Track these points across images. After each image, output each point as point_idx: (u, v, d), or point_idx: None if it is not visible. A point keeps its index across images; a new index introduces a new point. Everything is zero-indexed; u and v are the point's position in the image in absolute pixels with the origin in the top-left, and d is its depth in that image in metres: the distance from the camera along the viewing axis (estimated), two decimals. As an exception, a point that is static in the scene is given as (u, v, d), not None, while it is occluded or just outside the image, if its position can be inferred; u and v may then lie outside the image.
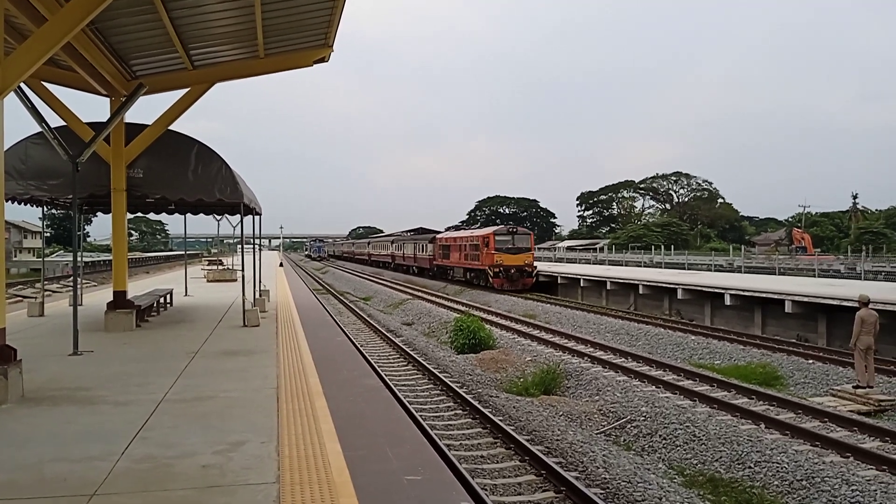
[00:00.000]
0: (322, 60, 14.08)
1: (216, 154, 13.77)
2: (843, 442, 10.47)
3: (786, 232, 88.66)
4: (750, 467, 9.88)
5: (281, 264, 52.35)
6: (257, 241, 19.96)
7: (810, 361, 16.91)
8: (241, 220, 15.29)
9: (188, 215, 20.03)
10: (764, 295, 23.10)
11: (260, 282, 18.47)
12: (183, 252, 42.30)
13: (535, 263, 42.34)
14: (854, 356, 14.08)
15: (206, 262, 45.45)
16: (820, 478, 9.14)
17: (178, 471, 5.26)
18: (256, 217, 17.79)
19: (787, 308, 21.45)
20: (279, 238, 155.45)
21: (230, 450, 5.75)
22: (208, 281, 30.13)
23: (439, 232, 68.02)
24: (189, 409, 7.19)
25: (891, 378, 14.81)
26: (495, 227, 43.37)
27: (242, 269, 15.31)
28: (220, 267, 34.86)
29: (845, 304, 18.95)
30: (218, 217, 22.50)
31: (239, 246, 19.37)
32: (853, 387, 13.82)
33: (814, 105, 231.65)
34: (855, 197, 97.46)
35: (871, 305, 14.23)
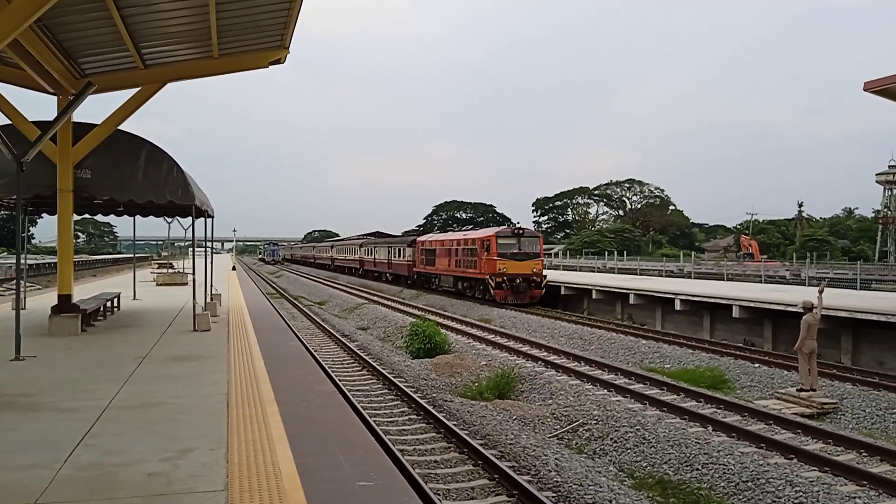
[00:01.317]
0: (278, 62, 13.97)
1: (167, 155, 13.52)
2: (787, 444, 10.76)
3: (734, 239, 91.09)
4: (698, 469, 10.09)
5: (234, 268, 51.64)
6: (209, 244, 19.64)
7: (756, 365, 17.35)
8: (193, 223, 15.06)
9: (138, 217, 19.62)
10: (712, 300, 23.63)
11: (211, 286, 18.17)
12: (132, 255, 41.29)
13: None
14: (798, 360, 14.50)
15: (156, 266, 44.57)
16: (765, 479, 9.38)
17: (123, 479, 5.14)
18: (209, 220, 17.51)
19: (735, 313, 21.99)
20: (232, 241, 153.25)
21: (178, 457, 5.65)
22: (158, 285, 29.51)
23: (396, 236, 67.39)
24: (136, 415, 7.04)
25: (833, 381, 15.29)
26: (497, 228, 37.29)
27: (193, 273, 15.05)
28: (171, 270, 34.19)
29: (790, 309, 19.51)
30: (169, 219, 22.05)
31: (190, 249, 19.03)
32: (797, 390, 14.23)
33: (763, 117, 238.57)
34: (800, 205, 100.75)
35: (814, 311, 14.67)
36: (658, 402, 13.48)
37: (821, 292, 15.30)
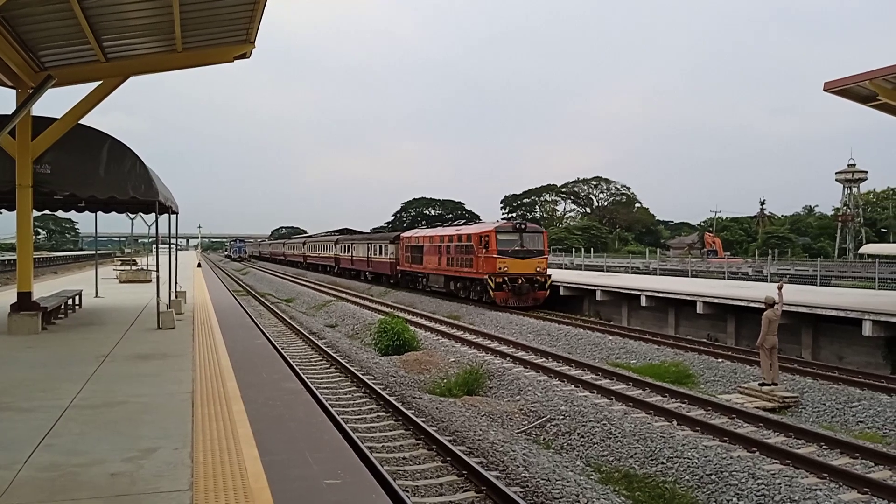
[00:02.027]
0: (243, 56, 13.80)
1: (129, 150, 13.26)
2: (749, 437, 10.96)
3: (698, 236, 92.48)
4: (663, 463, 10.23)
5: (199, 265, 50.95)
6: (173, 240, 19.36)
7: (720, 360, 17.65)
8: (157, 219, 14.82)
9: (100, 213, 19.23)
10: (677, 296, 23.97)
11: (176, 283, 17.91)
12: (94, 252, 40.40)
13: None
14: (760, 355, 14.78)
15: (119, 263, 43.80)
16: (728, 472, 9.55)
17: (85, 479, 5.05)
18: (173, 216, 17.24)
19: (699, 309, 22.32)
20: (197, 238, 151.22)
21: (141, 457, 5.56)
22: (121, 282, 28.96)
23: (363, 233, 66.83)
24: (98, 415, 6.91)
25: (794, 376, 15.62)
26: (497, 223, 33.13)
27: (157, 270, 14.82)
28: (134, 267, 33.59)
29: (752, 305, 19.87)
30: (132, 216, 21.70)
31: (154, 246, 18.73)
32: (759, 384, 14.51)
33: (728, 118, 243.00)
34: (762, 203, 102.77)
35: (775, 307, 14.97)
36: (624, 398, 13.64)
37: (780, 289, 15.61)
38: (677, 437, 11.04)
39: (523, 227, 31.48)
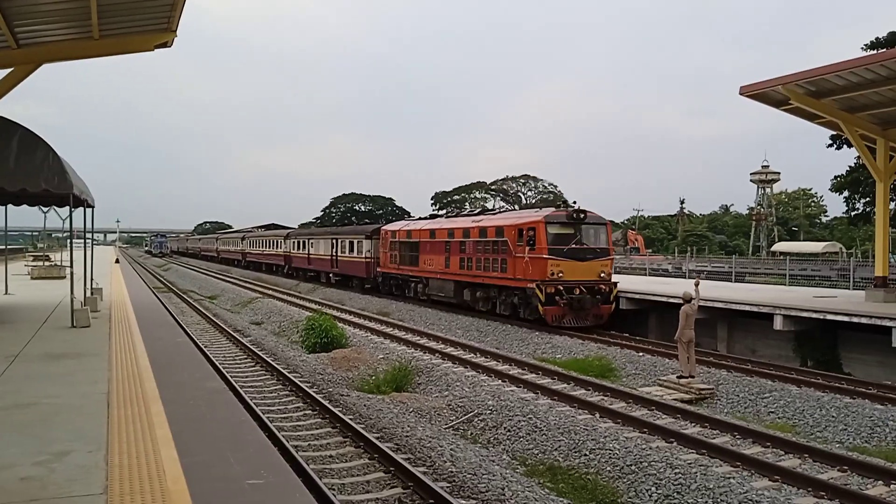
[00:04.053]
0: (165, 45, 13.38)
1: (42, 140, 12.64)
2: (667, 428, 11.34)
3: (622, 233, 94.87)
4: (585, 455, 10.48)
5: (117, 260, 49.20)
6: (89, 235, 18.60)
7: (640, 354, 18.18)
8: (71, 213, 14.21)
9: (10, 207, 18.30)
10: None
11: (92, 279, 17.24)
12: (3, 247, 38.43)
13: None
14: (678, 348, 15.31)
15: (31, 258, 41.86)
16: (647, 462, 9.86)
17: (-10, 486, 4.81)
18: (89, 209, 16.56)
19: (622, 305, 22.92)
20: (116, 232, 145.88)
21: (53, 460, 5.35)
22: (33, 278, 27.69)
23: (290, 228, 64.69)
24: (7, 417, 6.61)
25: (710, 368, 16.24)
26: (546, 210, 24.08)
27: (72, 266, 14.24)
28: (47, 263, 32.18)
29: (671, 301, 20.55)
30: (45, 209, 20.76)
31: (69, 240, 17.97)
32: (677, 377, 15.03)
33: (651, 117, 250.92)
34: (682, 202, 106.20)
35: (692, 302, 15.53)
36: (550, 391, 13.91)
37: (697, 285, 16.22)
38: (600, 429, 11.33)
39: (582, 216, 22.68)
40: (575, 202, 28.83)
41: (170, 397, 7.58)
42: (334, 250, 40.49)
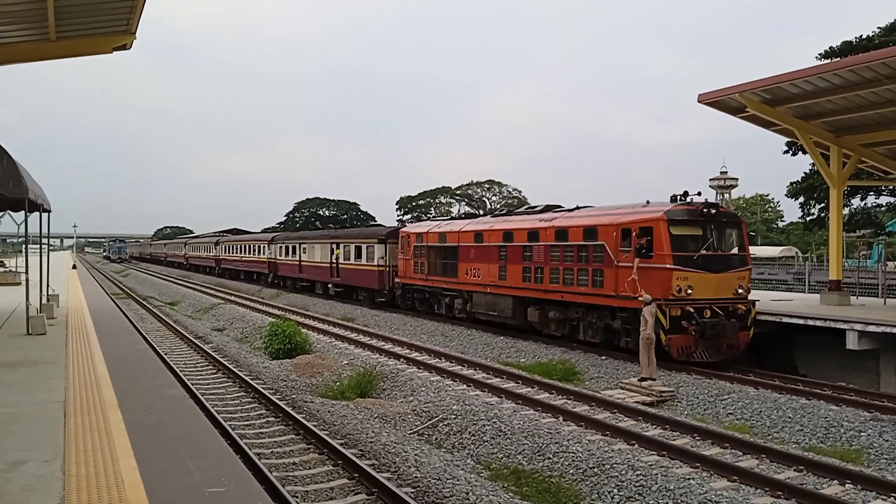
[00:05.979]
0: (123, 48, 13.17)
1: (-4, 144, 12.36)
2: (629, 431, 11.48)
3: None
4: (549, 458, 10.54)
5: (74, 266, 48.13)
6: (45, 240, 18.18)
7: (603, 357, 18.36)
8: (26, 218, 13.89)
9: (-39, 211, 17.80)
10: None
11: (48, 286, 16.85)
12: (-45, 252, 37.33)
13: None
14: (640, 351, 15.49)
15: (-16, 264, 40.71)
16: (609, 464, 9.96)
17: (-60, 499, 4.67)
18: (45, 214, 16.20)
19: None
20: (73, 238, 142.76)
21: (8, 470, 5.23)
22: (-14, 285, 26.99)
23: (252, 233, 61.87)
24: (-43, 428, 6.41)
25: (670, 371, 16.46)
26: (666, 204, 17.63)
27: (27, 272, 13.90)
28: (1, 269, 31.36)
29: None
30: (-1, 214, 20.21)
31: (24, 246, 17.54)
32: (639, 379, 15.20)
33: (616, 122, 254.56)
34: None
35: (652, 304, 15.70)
36: (514, 395, 13.97)
37: None
38: (563, 432, 11.42)
39: (712, 211, 17.19)
40: (701, 193, 18.19)
41: (129, 405, 7.44)
42: (334, 256, 34.24)
